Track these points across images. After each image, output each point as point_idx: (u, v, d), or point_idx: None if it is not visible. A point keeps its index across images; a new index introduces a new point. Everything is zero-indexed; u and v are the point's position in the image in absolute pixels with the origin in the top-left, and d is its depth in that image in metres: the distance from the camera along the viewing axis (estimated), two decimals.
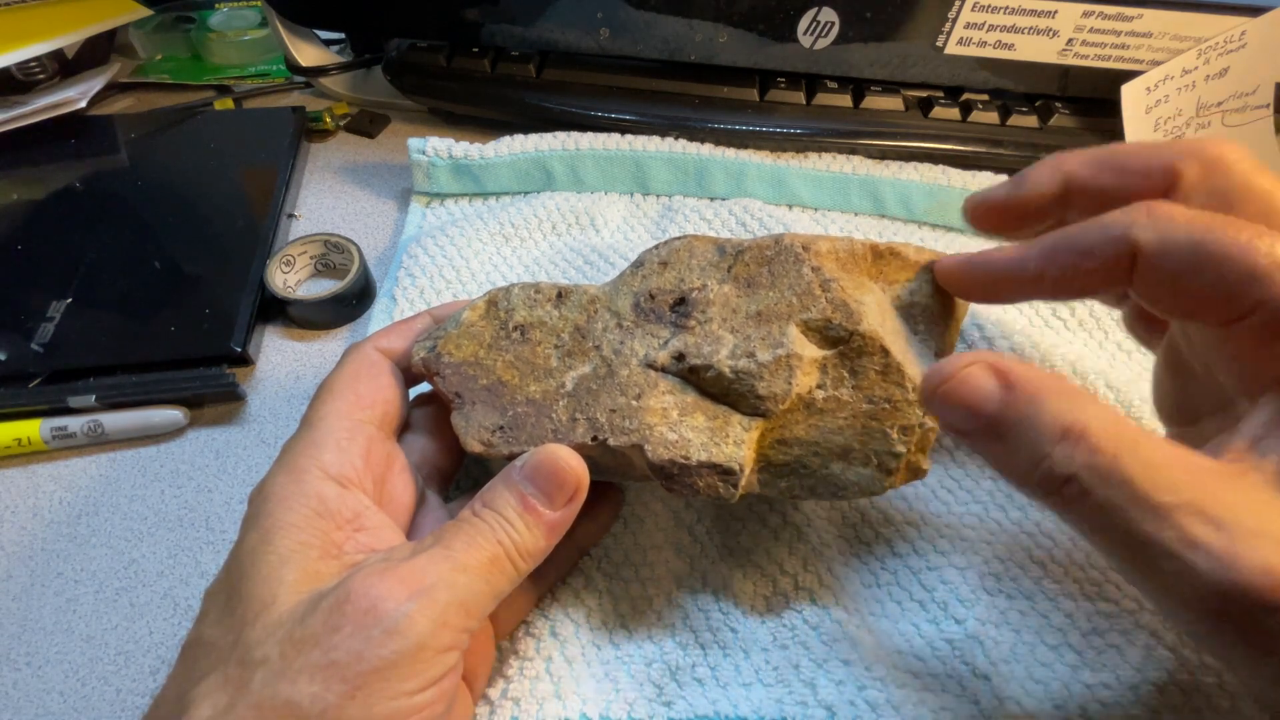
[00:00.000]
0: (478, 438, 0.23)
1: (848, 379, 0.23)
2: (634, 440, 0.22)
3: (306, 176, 0.44)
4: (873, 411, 0.22)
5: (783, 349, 0.22)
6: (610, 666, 0.25)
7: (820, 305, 0.23)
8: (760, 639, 0.26)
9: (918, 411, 0.22)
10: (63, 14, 0.44)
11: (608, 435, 0.22)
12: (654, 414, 0.22)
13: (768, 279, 0.24)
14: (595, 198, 0.40)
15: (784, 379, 0.22)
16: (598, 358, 0.23)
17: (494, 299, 0.25)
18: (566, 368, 0.24)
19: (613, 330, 0.24)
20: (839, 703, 0.23)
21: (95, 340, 0.33)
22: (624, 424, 0.22)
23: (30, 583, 0.28)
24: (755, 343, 0.22)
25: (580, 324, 0.24)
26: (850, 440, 0.23)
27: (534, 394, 0.23)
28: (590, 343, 0.24)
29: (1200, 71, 0.41)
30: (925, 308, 0.24)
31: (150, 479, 0.31)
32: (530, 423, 0.23)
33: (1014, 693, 0.24)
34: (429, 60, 0.44)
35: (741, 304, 0.23)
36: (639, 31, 0.42)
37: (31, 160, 0.42)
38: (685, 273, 0.24)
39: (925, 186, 0.40)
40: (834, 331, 0.23)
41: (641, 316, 0.24)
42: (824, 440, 0.23)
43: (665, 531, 0.28)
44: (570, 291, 0.25)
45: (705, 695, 0.24)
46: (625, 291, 0.25)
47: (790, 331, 0.23)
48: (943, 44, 0.41)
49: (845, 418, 0.23)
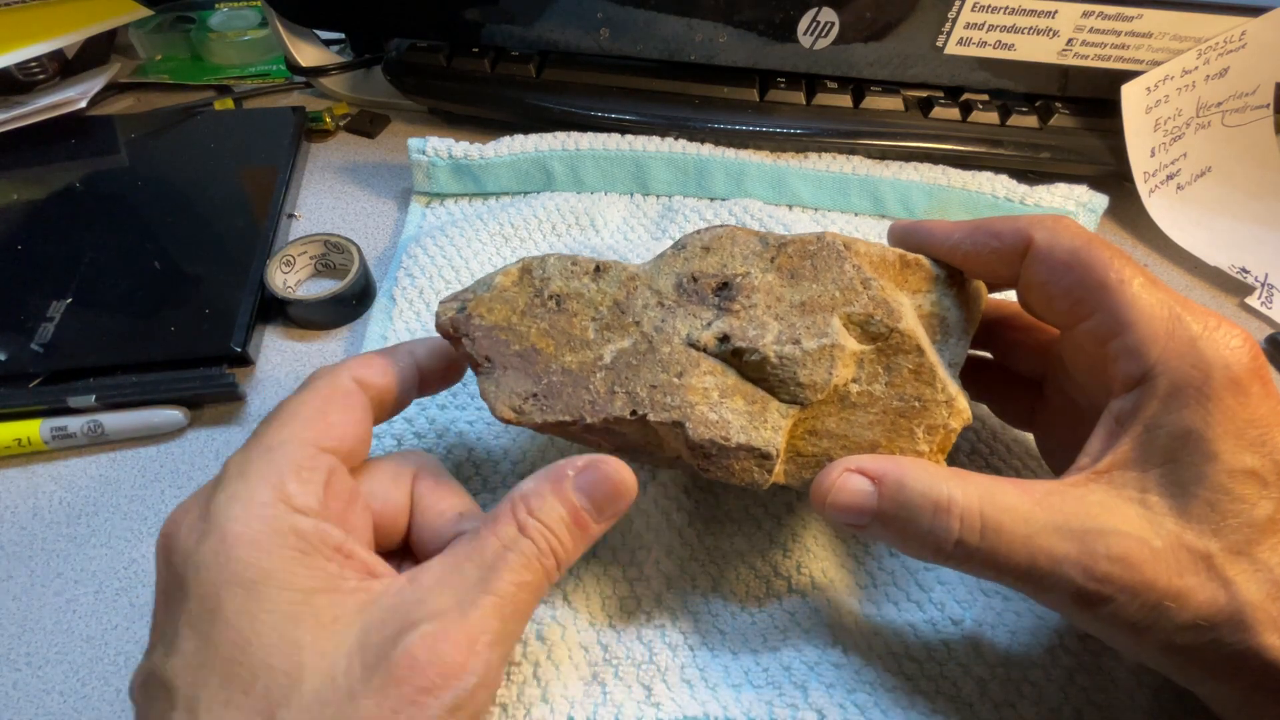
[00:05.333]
0: (509, 404, 0.23)
1: (882, 375, 0.23)
2: (675, 417, 0.22)
3: (306, 176, 0.44)
4: (903, 409, 0.23)
5: (827, 339, 0.22)
6: (598, 669, 0.25)
7: (863, 300, 0.23)
8: (750, 640, 0.26)
9: (944, 412, 0.23)
10: (63, 14, 0.44)
11: (648, 410, 0.22)
12: (695, 393, 0.22)
13: (811, 271, 0.24)
14: (595, 198, 0.40)
15: (825, 368, 0.22)
16: (638, 333, 0.23)
17: (528, 266, 0.24)
18: (605, 340, 0.23)
19: (654, 308, 0.24)
20: (829, 705, 0.23)
21: (95, 340, 0.33)
22: (666, 400, 0.22)
23: (30, 583, 0.28)
24: (801, 330, 0.23)
25: (619, 299, 0.24)
26: (878, 436, 0.23)
27: (570, 364, 0.23)
28: (630, 318, 0.24)
29: (1200, 71, 0.41)
30: (943, 320, 0.25)
31: (150, 479, 0.31)
32: (566, 392, 0.23)
33: (1009, 695, 0.24)
34: (429, 60, 0.44)
35: (786, 293, 0.24)
36: (639, 31, 0.42)
37: (31, 160, 0.42)
38: (728, 259, 0.24)
39: (925, 186, 0.40)
40: (875, 327, 0.23)
41: (684, 296, 0.24)
42: (853, 434, 0.23)
43: (655, 533, 0.28)
44: (608, 266, 0.24)
45: (694, 697, 0.24)
46: (667, 271, 0.24)
47: (834, 323, 0.23)
48: (943, 44, 0.41)
49: (876, 413, 0.23)
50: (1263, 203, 0.44)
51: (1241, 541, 0.19)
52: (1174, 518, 0.19)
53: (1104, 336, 0.21)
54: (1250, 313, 0.39)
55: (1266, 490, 0.19)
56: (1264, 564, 0.19)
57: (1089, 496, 0.20)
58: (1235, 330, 0.20)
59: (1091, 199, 0.40)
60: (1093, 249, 0.22)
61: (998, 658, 0.25)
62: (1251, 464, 0.19)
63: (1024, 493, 0.20)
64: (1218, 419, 0.19)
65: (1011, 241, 0.23)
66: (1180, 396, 0.20)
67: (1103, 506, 0.20)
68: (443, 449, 0.30)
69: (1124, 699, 0.24)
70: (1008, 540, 0.19)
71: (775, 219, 0.38)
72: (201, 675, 0.17)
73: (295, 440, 0.20)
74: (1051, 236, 0.23)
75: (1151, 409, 0.20)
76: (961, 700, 0.24)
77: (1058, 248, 0.22)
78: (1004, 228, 0.24)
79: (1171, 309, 0.21)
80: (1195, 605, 0.19)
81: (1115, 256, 0.22)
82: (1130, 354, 0.21)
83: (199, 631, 0.17)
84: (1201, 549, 0.19)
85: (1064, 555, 0.19)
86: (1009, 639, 0.25)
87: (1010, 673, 0.24)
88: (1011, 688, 0.24)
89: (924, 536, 0.20)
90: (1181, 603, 0.19)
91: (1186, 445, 0.20)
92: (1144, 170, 0.42)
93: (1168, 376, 0.20)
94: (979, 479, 0.20)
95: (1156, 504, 0.20)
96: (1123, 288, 0.21)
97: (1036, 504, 0.20)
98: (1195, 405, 0.20)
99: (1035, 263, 0.23)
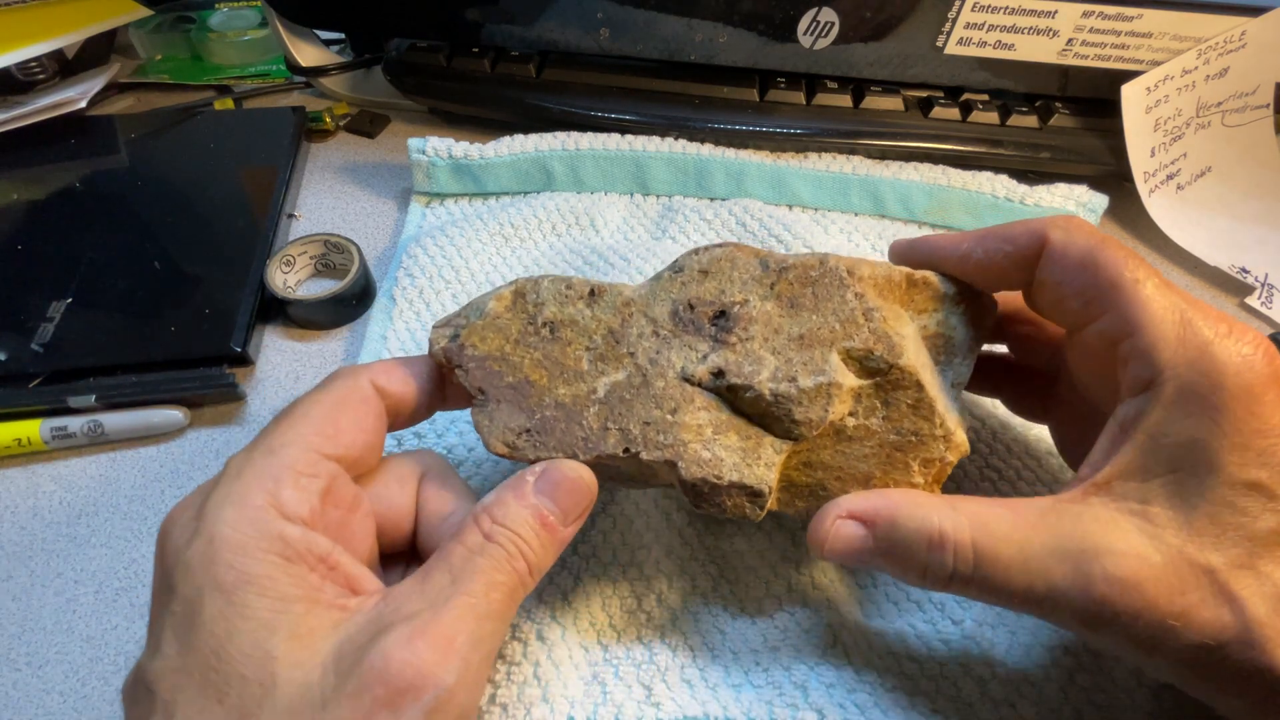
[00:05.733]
0: (502, 439, 0.22)
1: (879, 409, 0.23)
2: (668, 456, 0.22)
3: (306, 176, 0.44)
4: (899, 443, 0.23)
5: (824, 376, 0.22)
6: (598, 669, 0.25)
7: (863, 335, 0.23)
8: (751, 640, 0.26)
9: (940, 446, 0.22)
10: (63, 14, 0.44)
11: (641, 449, 0.22)
12: (689, 430, 0.22)
13: (811, 301, 0.23)
14: (595, 198, 0.40)
15: (821, 406, 0.22)
16: (632, 365, 0.23)
17: (521, 290, 0.24)
18: (599, 373, 0.23)
19: (649, 337, 0.23)
20: (829, 705, 0.23)
21: (95, 340, 0.33)
22: (659, 438, 0.22)
23: (30, 583, 0.28)
24: (797, 367, 0.22)
25: (614, 327, 0.23)
26: (873, 468, 0.23)
27: (563, 397, 0.23)
28: (624, 348, 0.23)
29: (1200, 71, 0.41)
30: (948, 340, 0.24)
31: (150, 479, 0.31)
32: (560, 428, 0.22)
33: (1009, 695, 0.24)
34: (429, 60, 0.44)
35: (784, 324, 0.23)
36: (639, 31, 0.42)
37: (31, 160, 0.42)
38: (726, 284, 0.24)
39: (925, 186, 0.40)
40: (874, 363, 0.22)
41: (680, 326, 0.23)
42: (848, 466, 0.23)
43: (655, 533, 0.28)
44: (603, 291, 0.24)
45: (694, 697, 0.24)
46: (663, 297, 0.24)
47: (832, 359, 0.22)
48: (943, 44, 0.41)
49: (872, 446, 0.23)
50: (1263, 203, 0.44)
51: (1245, 555, 0.18)
52: (1176, 530, 0.19)
53: (1114, 338, 0.21)
54: (1250, 313, 0.39)
55: (1273, 503, 0.19)
56: (1269, 577, 0.18)
57: (1086, 513, 0.20)
58: (1250, 336, 0.20)
59: (1091, 199, 0.40)
60: (1107, 249, 0.21)
61: (998, 658, 0.24)
62: (1257, 476, 0.19)
63: (1018, 516, 0.20)
64: (1224, 429, 0.19)
65: (1026, 244, 0.23)
66: (1187, 404, 0.19)
67: (1100, 523, 0.19)
68: (443, 448, 0.30)
69: (1124, 699, 0.24)
70: (1004, 568, 0.19)
71: (775, 219, 0.38)
72: (179, 680, 0.17)
73: (299, 444, 0.20)
74: (1066, 236, 0.22)
75: (1157, 415, 0.20)
76: (961, 700, 0.24)
77: (1073, 247, 0.22)
78: (1017, 231, 0.23)
79: (1184, 313, 0.20)
80: (1199, 624, 0.18)
81: (1129, 257, 0.21)
82: (1139, 356, 0.20)
83: (179, 636, 0.17)
84: (1204, 563, 0.18)
85: (1060, 579, 0.19)
86: (1009, 639, 0.25)
87: (1010, 673, 0.24)
88: (1011, 688, 0.24)
89: (921, 570, 0.20)
90: (1185, 621, 0.18)
91: (1191, 455, 0.19)
92: (1144, 170, 0.42)
93: (1175, 382, 0.19)
94: (971, 506, 0.20)
95: (1159, 515, 0.19)
96: (1136, 289, 0.21)
97: (1031, 527, 0.20)
98: (1202, 414, 0.19)
99: (1050, 263, 0.22)
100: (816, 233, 0.38)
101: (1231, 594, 0.18)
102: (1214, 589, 0.18)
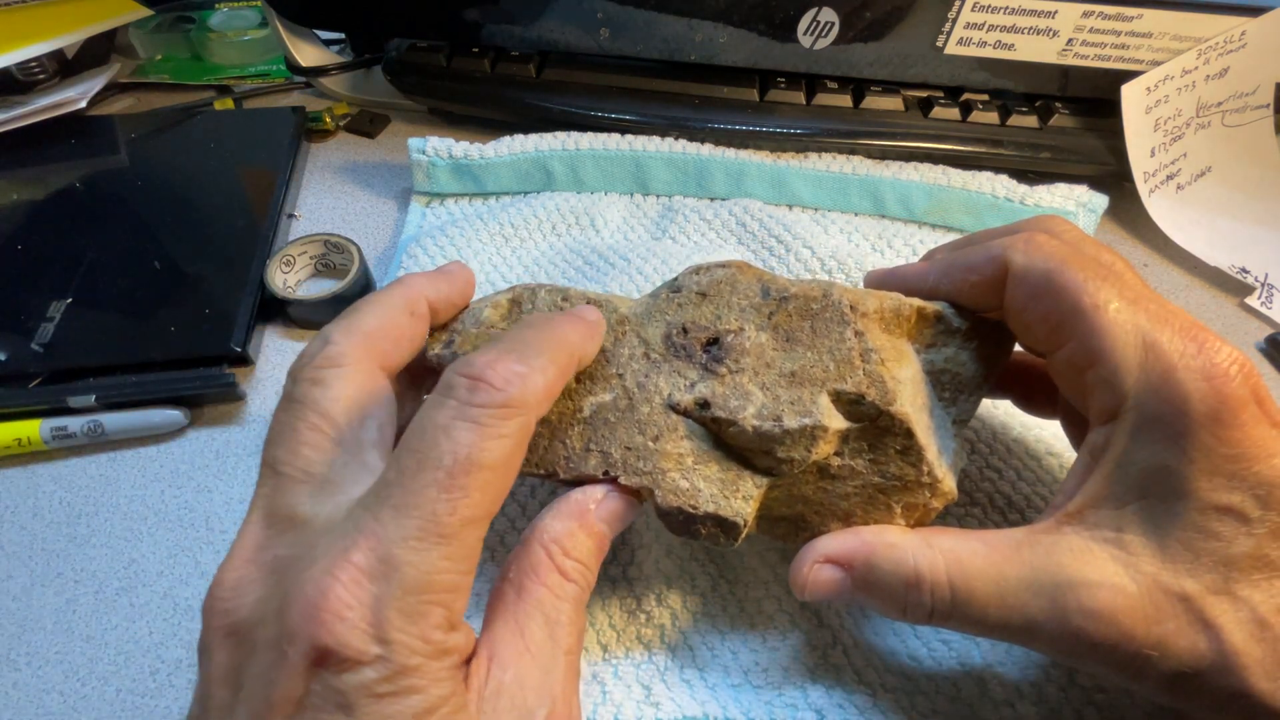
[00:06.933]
0: None
1: (866, 451, 0.22)
2: (646, 483, 0.22)
3: (306, 176, 0.44)
4: (883, 485, 0.22)
5: (810, 419, 0.21)
6: (598, 668, 0.25)
7: (857, 377, 0.22)
8: (750, 641, 0.26)
9: (926, 493, 0.22)
10: (63, 14, 0.44)
11: (619, 473, 0.22)
12: (669, 459, 0.22)
13: (808, 336, 0.23)
14: (595, 198, 0.40)
15: (804, 448, 0.21)
16: (619, 387, 0.23)
17: (518, 298, 0.24)
18: (586, 391, 0.23)
19: (639, 359, 0.23)
20: (829, 706, 0.23)
21: (95, 340, 0.33)
22: (638, 464, 0.22)
23: (30, 583, 0.28)
24: (784, 406, 0.22)
25: (606, 345, 0.23)
26: (853, 507, 0.22)
27: (549, 414, 0.23)
28: (614, 369, 0.23)
29: (1200, 71, 0.41)
30: (955, 376, 0.24)
31: (150, 479, 0.31)
32: (543, 445, 0.22)
33: (1009, 695, 0.24)
34: (429, 60, 0.44)
35: (777, 359, 0.23)
36: (639, 31, 0.42)
37: (31, 160, 0.42)
38: (724, 310, 0.23)
39: (925, 186, 0.40)
40: (865, 408, 0.22)
41: (671, 351, 0.23)
42: (829, 503, 0.22)
43: (655, 532, 0.28)
44: (599, 305, 0.24)
45: (694, 697, 0.24)
46: (658, 319, 0.24)
47: (821, 401, 0.22)
48: (943, 44, 0.41)
49: (855, 486, 0.22)
50: (1263, 203, 0.44)
51: (1220, 580, 0.18)
52: (1150, 557, 0.19)
53: (1081, 365, 0.20)
54: (1250, 313, 0.39)
55: (1247, 526, 0.18)
56: (1245, 601, 0.18)
57: (1060, 544, 0.19)
58: (1222, 355, 0.19)
59: (1091, 199, 0.40)
60: (1066, 271, 0.21)
61: (998, 658, 0.24)
62: (1229, 500, 0.18)
63: (992, 550, 0.20)
64: (1192, 455, 0.18)
65: (990, 272, 0.22)
66: (1152, 431, 0.19)
67: (1074, 554, 0.19)
68: None
69: (1124, 699, 0.24)
70: (980, 604, 0.19)
71: (775, 219, 0.38)
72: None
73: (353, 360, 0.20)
74: (1026, 260, 0.21)
75: (1123, 444, 0.19)
76: (961, 700, 0.24)
77: (1032, 273, 0.21)
78: (977, 258, 0.23)
79: (1147, 335, 0.19)
80: (1176, 653, 0.18)
81: (1090, 278, 0.20)
82: (1102, 385, 0.20)
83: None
84: (1179, 590, 0.18)
85: (1037, 613, 0.19)
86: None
87: (1010, 673, 0.24)
88: (1011, 688, 0.24)
89: (901, 608, 0.21)
90: (1162, 650, 0.18)
91: (1161, 481, 0.19)
92: (1144, 170, 0.42)
93: (1139, 410, 0.19)
94: (947, 541, 0.20)
95: (1133, 543, 0.19)
96: (1096, 315, 0.20)
97: (1005, 561, 0.20)
98: (1169, 441, 0.19)
99: (1013, 287, 0.22)
100: (816, 233, 0.38)
101: (1208, 620, 0.18)
102: (1189, 616, 0.18)
